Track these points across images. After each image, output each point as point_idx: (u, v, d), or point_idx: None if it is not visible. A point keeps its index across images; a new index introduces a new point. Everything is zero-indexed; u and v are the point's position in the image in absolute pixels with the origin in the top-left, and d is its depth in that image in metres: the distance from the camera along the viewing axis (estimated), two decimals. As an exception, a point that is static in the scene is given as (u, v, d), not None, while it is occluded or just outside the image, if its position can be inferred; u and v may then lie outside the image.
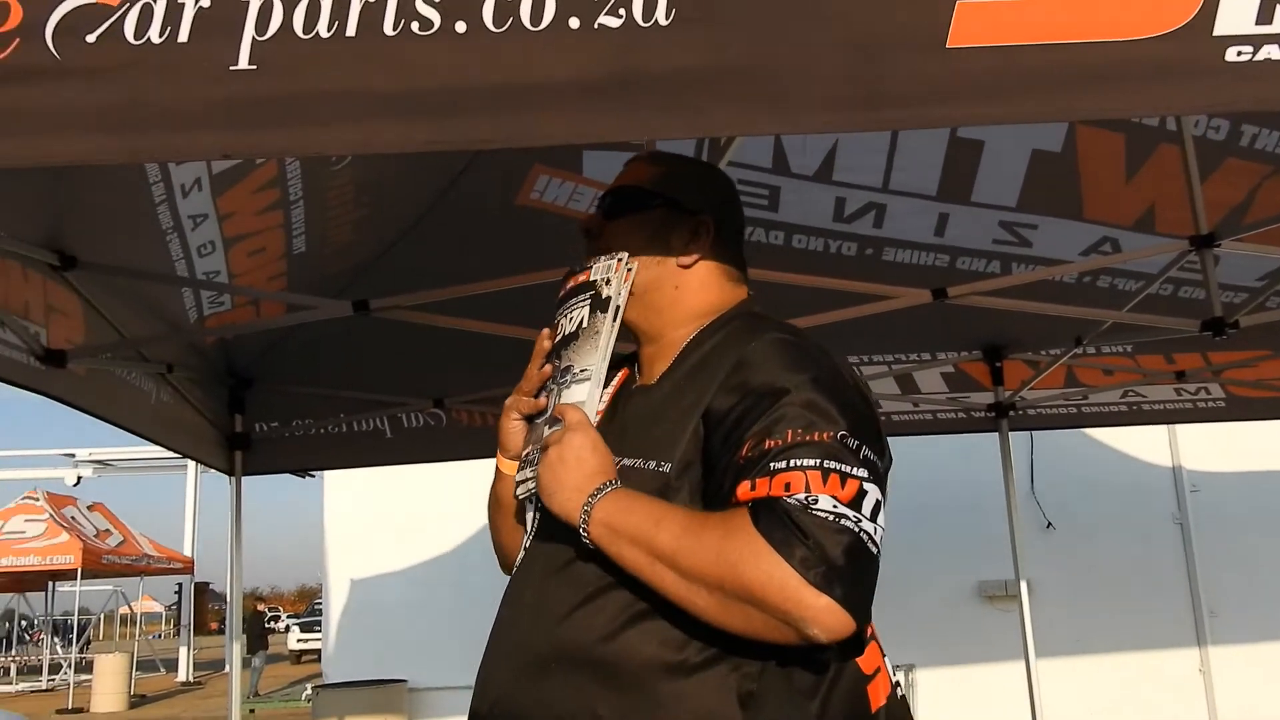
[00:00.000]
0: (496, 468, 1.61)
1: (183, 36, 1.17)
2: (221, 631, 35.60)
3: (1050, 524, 8.35)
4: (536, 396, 1.51)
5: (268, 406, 4.25)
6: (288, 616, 36.18)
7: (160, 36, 1.17)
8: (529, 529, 1.51)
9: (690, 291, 1.51)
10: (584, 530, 1.31)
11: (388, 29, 1.18)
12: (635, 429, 1.44)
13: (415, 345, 3.69)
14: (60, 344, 2.76)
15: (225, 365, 3.96)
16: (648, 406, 1.46)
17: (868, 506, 1.21)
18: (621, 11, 1.17)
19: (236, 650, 4.50)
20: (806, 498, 1.19)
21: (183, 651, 23.37)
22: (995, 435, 4.79)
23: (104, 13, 1.18)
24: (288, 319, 3.30)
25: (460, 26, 1.18)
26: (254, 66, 1.17)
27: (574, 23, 1.18)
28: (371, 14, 1.18)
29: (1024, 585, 4.72)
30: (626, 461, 1.38)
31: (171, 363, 3.42)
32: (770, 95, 1.18)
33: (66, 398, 2.85)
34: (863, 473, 1.23)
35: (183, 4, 1.18)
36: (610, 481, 1.33)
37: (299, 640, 25.30)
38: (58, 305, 2.79)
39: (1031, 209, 3.42)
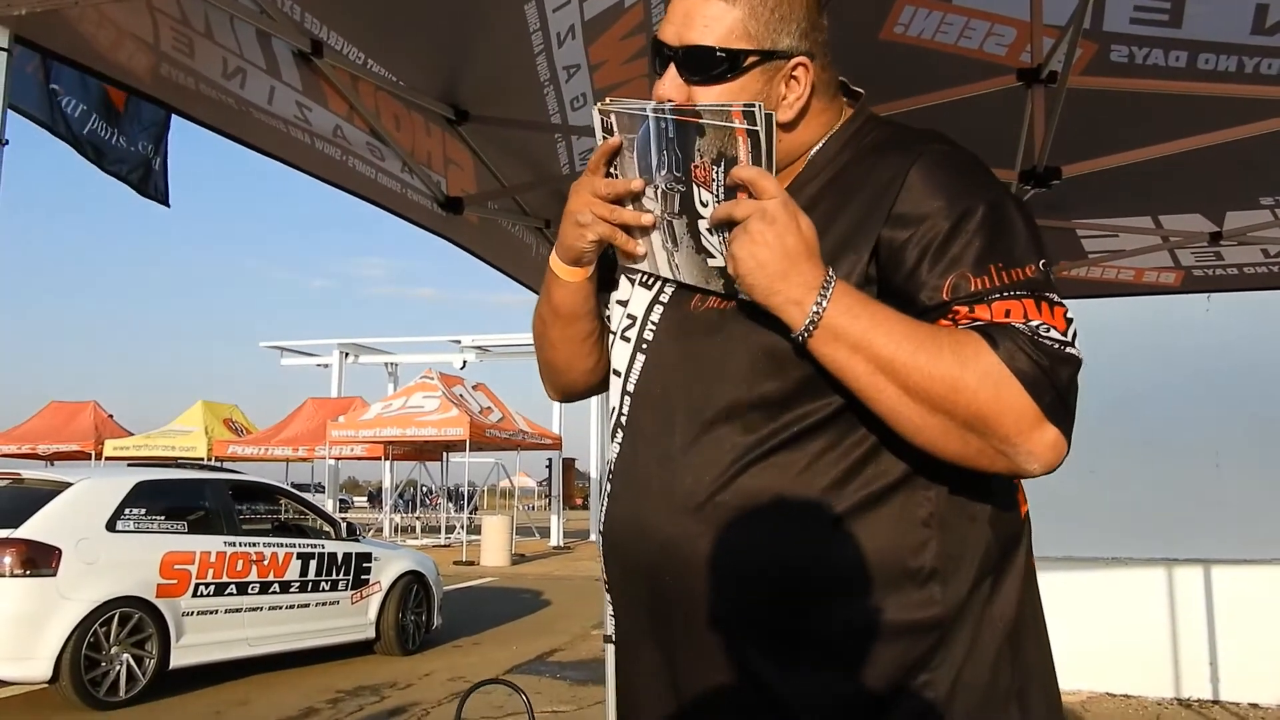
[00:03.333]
0: (550, 275, 1.46)
1: None
2: (585, 506, 38.77)
3: None
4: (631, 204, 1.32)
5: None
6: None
7: None
8: (639, 325, 1.37)
9: (798, 132, 1.33)
10: (806, 334, 1.17)
11: None
12: None
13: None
14: (457, 193, 3.02)
15: (594, 226, 4.17)
16: None
17: (1071, 332, 1.19)
18: None
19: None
20: (1034, 324, 1.16)
21: (553, 520, 25.82)
22: None
23: None
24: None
25: None
26: None
27: None
28: None
29: None
30: None
31: (550, 219, 3.65)
32: None
33: (463, 242, 3.14)
34: (1059, 297, 1.21)
35: None
36: (829, 273, 1.17)
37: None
38: (453, 158, 3.05)
39: None
